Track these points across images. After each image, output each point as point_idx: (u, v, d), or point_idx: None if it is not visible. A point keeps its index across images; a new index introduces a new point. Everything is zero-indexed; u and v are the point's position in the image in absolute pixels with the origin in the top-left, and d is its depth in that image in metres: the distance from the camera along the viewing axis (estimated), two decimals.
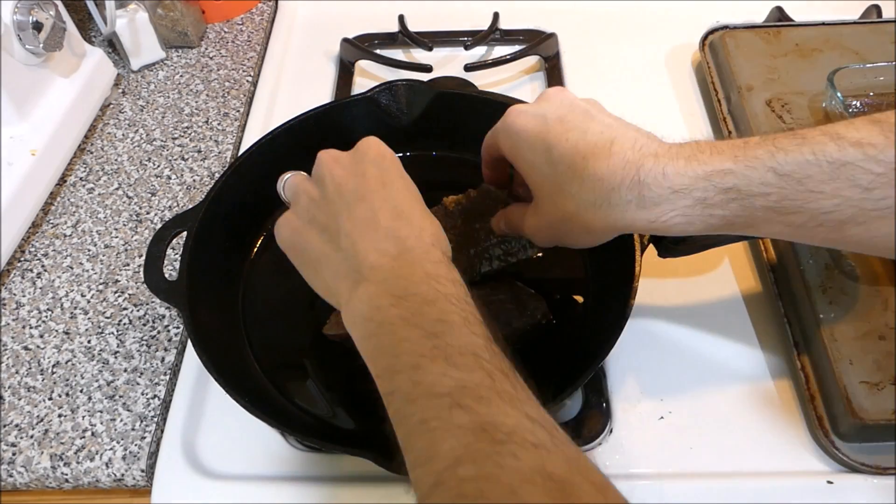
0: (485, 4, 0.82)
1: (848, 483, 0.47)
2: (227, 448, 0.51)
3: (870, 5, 0.76)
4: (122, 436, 0.51)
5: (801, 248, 0.54)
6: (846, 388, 0.47)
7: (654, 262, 0.50)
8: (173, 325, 0.57)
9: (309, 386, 0.51)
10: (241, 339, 0.54)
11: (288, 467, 0.50)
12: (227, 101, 0.76)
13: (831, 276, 0.52)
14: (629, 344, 0.52)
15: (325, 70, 0.80)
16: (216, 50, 0.82)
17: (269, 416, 0.43)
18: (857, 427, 0.46)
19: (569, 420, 0.50)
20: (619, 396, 0.52)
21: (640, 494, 0.47)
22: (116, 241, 0.63)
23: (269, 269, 0.59)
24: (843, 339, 0.49)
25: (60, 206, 0.67)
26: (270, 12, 0.87)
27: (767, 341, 0.54)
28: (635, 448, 0.49)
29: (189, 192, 0.67)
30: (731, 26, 0.73)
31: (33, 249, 0.63)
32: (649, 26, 0.82)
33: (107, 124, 0.74)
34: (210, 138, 0.72)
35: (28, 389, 0.54)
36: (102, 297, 0.59)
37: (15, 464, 0.50)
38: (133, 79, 0.79)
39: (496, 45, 0.81)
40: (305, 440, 0.50)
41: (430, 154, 0.65)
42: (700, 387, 0.52)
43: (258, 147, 0.58)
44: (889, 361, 0.48)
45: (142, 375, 0.54)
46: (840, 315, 0.50)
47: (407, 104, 0.62)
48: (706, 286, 0.58)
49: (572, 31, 0.81)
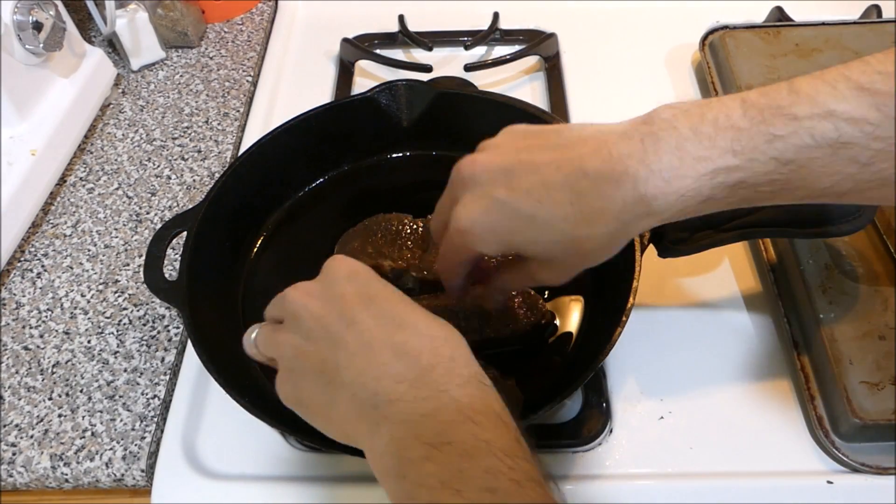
0: (485, 4, 0.82)
1: (848, 483, 0.47)
2: (227, 448, 0.51)
3: (870, 5, 0.75)
4: (122, 436, 0.51)
5: (801, 248, 0.54)
6: (846, 388, 0.47)
7: (654, 262, 0.50)
8: (173, 325, 0.57)
9: None
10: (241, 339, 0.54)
11: (288, 467, 0.50)
12: (227, 101, 0.76)
13: (831, 276, 0.52)
14: (629, 344, 0.52)
15: (325, 70, 0.80)
16: (216, 50, 0.82)
17: (269, 416, 0.43)
18: (857, 427, 0.46)
19: (569, 420, 0.50)
20: (619, 396, 0.52)
21: (640, 494, 0.47)
22: (116, 241, 0.63)
23: (269, 269, 0.59)
24: (843, 339, 0.49)
25: (60, 206, 0.67)
26: (270, 12, 0.87)
27: (767, 341, 0.54)
28: (635, 448, 0.49)
29: (189, 192, 0.67)
30: (731, 26, 0.73)
31: (33, 249, 0.63)
32: (649, 26, 0.82)
33: (107, 124, 0.74)
34: (210, 138, 0.72)
35: (28, 389, 0.54)
36: (102, 297, 0.59)
37: (15, 464, 0.50)
38: (133, 79, 0.79)
39: (496, 45, 0.81)
40: (305, 440, 0.50)
41: (430, 154, 0.65)
42: (700, 387, 0.52)
43: (258, 147, 0.58)
44: (889, 361, 0.48)
45: (142, 375, 0.54)
46: (840, 315, 0.50)
47: (407, 104, 0.62)
48: (706, 286, 0.58)
49: (572, 31, 0.81)
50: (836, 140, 0.31)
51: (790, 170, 0.33)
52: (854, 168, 0.32)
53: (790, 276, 0.55)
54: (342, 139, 0.63)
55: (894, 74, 0.30)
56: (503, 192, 0.36)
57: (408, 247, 0.55)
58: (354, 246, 0.55)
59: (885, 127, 0.30)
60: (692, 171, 0.33)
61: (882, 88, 0.30)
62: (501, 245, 0.38)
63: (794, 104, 0.32)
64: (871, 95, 0.31)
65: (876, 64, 0.31)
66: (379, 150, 0.64)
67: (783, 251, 0.56)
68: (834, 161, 0.32)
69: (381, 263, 0.54)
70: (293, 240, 0.61)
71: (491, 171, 0.37)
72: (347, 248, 0.55)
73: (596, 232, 0.36)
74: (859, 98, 0.31)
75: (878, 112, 0.31)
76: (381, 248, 0.55)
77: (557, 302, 0.54)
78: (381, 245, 0.55)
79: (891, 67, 0.30)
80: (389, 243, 0.55)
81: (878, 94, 0.31)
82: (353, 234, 0.56)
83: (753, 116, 0.33)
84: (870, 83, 0.31)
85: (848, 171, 0.32)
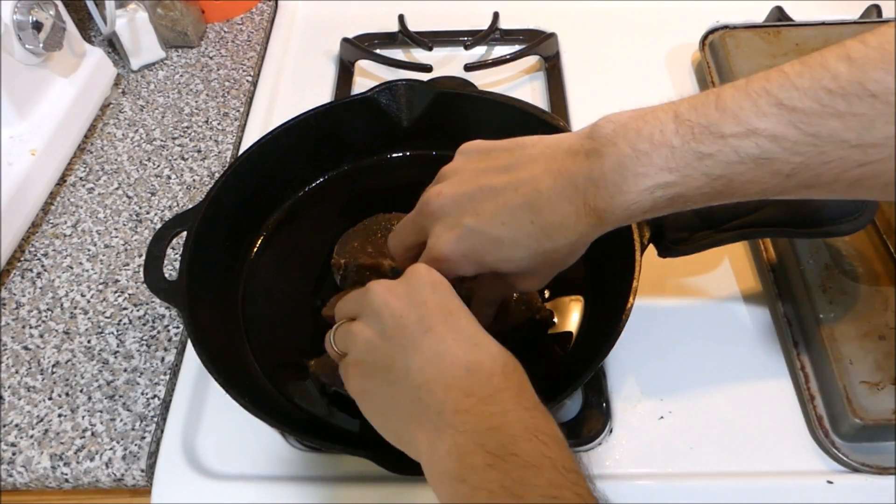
0: (485, 4, 0.82)
1: (848, 483, 0.47)
2: (227, 448, 0.51)
3: (870, 5, 0.75)
4: (122, 436, 0.51)
5: (801, 248, 0.54)
6: (846, 388, 0.47)
7: (654, 262, 0.50)
8: (173, 325, 0.57)
9: (309, 386, 0.51)
10: (241, 339, 0.54)
11: (288, 467, 0.50)
12: (227, 101, 0.76)
13: (831, 276, 0.52)
14: (629, 344, 0.52)
15: (325, 70, 0.80)
16: (216, 50, 0.82)
17: (269, 416, 0.43)
18: (857, 427, 0.46)
19: (569, 420, 0.50)
20: (619, 396, 0.52)
21: (640, 494, 0.47)
22: (116, 241, 0.63)
23: (269, 269, 0.59)
24: (843, 339, 0.49)
25: (60, 206, 0.67)
26: (270, 12, 0.87)
27: (767, 341, 0.54)
28: (635, 448, 0.49)
29: (189, 191, 0.67)
30: (731, 26, 0.73)
31: (33, 249, 0.63)
32: (649, 26, 0.82)
33: (107, 124, 0.74)
34: (210, 138, 0.72)
35: (28, 389, 0.54)
36: (102, 296, 0.59)
37: (15, 464, 0.50)
38: (133, 79, 0.79)
39: (496, 45, 0.81)
40: (305, 440, 0.50)
41: (431, 154, 0.65)
42: (700, 387, 0.52)
43: (258, 147, 0.58)
44: (889, 361, 0.48)
45: (142, 375, 0.54)
46: (840, 315, 0.50)
47: (407, 104, 0.62)
48: (706, 286, 0.58)
49: (572, 31, 0.81)
50: (759, 156, 0.33)
51: (721, 183, 0.34)
52: (778, 179, 0.34)
53: (790, 276, 0.55)
54: (342, 139, 0.63)
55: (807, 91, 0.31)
56: (471, 219, 0.39)
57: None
58: (354, 246, 0.55)
59: (804, 143, 0.32)
60: (633, 188, 0.35)
61: (799, 106, 0.31)
62: (477, 266, 0.40)
63: (720, 122, 0.33)
64: (790, 113, 0.32)
65: (794, 77, 0.32)
66: (379, 150, 0.64)
67: (783, 251, 0.56)
68: (758, 174, 0.33)
69: (381, 263, 0.54)
70: (293, 240, 0.61)
71: (457, 202, 0.39)
72: (347, 247, 0.55)
73: (558, 244, 0.38)
74: (779, 115, 0.32)
75: (797, 129, 0.32)
76: (381, 248, 0.55)
77: (557, 302, 0.54)
78: (382, 245, 0.55)
79: (806, 83, 0.31)
80: None
81: (796, 111, 0.32)
82: (353, 234, 0.56)
83: (684, 134, 0.34)
84: (788, 100, 0.32)
85: (773, 181, 0.34)
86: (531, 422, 0.32)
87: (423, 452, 0.33)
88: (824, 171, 0.32)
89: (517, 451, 0.30)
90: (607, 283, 0.52)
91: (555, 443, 0.31)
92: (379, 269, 0.53)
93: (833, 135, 0.31)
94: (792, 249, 0.55)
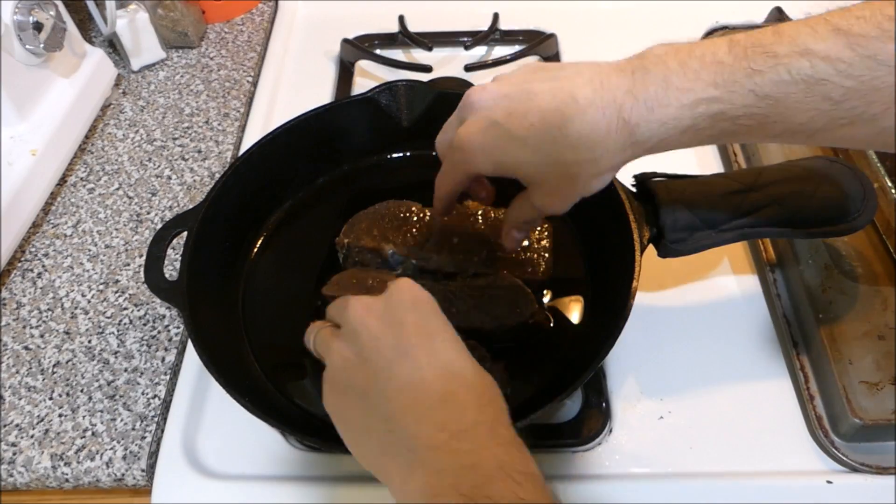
0: (485, 4, 0.82)
1: (848, 483, 0.47)
2: (227, 448, 0.51)
3: None
4: (122, 436, 0.51)
5: (801, 248, 0.54)
6: (846, 388, 0.47)
7: (654, 262, 0.50)
8: (173, 325, 0.57)
9: (309, 386, 0.51)
10: (241, 339, 0.54)
11: (288, 467, 0.50)
12: (228, 102, 0.76)
13: (831, 276, 0.52)
14: (629, 344, 0.52)
15: (325, 70, 0.80)
16: (216, 50, 0.82)
17: (269, 416, 0.43)
18: (857, 427, 0.46)
19: (569, 420, 0.50)
20: (619, 396, 0.52)
21: (640, 494, 0.47)
22: (117, 241, 0.63)
23: (269, 269, 0.59)
24: (842, 339, 0.49)
25: (61, 206, 0.67)
26: (270, 12, 0.87)
27: (767, 341, 0.54)
28: (635, 448, 0.49)
29: (189, 192, 0.67)
30: (731, 26, 0.73)
31: (34, 249, 0.63)
32: (649, 26, 0.82)
33: (107, 124, 0.74)
34: (210, 138, 0.72)
35: (28, 389, 0.54)
36: (103, 297, 0.59)
37: (15, 464, 0.50)
38: (133, 79, 0.79)
39: (496, 46, 0.81)
40: (305, 440, 0.50)
41: (431, 154, 0.64)
42: (700, 387, 0.52)
43: (258, 147, 0.58)
44: (889, 361, 0.48)
45: (142, 375, 0.54)
46: (840, 315, 0.50)
47: (407, 104, 0.62)
48: (706, 286, 0.58)
49: (572, 31, 0.81)
50: (812, 76, 0.34)
51: (767, 104, 0.35)
52: (827, 105, 0.34)
53: (790, 276, 0.55)
54: (342, 139, 0.63)
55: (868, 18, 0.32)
56: (501, 115, 0.39)
57: (412, 234, 0.56)
58: (361, 227, 0.56)
59: (857, 66, 0.33)
60: (675, 101, 0.36)
61: (856, 30, 0.33)
62: (494, 165, 0.41)
63: (775, 43, 0.34)
64: (846, 36, 0.33)
65: (856, 10, 0.34)
66: (379, 150, 0.65)
67: (783, 251, 0.56)
68: (808, 97, 0.34)
69: (382, 247, 0.54)
70: (293, 240, 0.61)
71: (494, 98, 0.40)
72: (355, 228, 0.56)
73: (580, 157, 0.38)
74: (835, 38, 0.33)
75: (852, 51, 0.33)
76: (385, 233, 0.55)
77: (557, 302, 0.54)
78: (387, 230, 0.56)
79: (867, 12, 0.33)
80: (395, 229, 0.56)
81: (853, 35, 0.33)
82: (363, 216, 0.57)
83: (737, 53, 0.35)
84: (846, 25, 0.33)
85: (821, 107, 0.34)
86: (505, 459, 0.31)
87: (396, 487, 0.33)
88: (875, 99, 0.33)
89: (490, 493, 0.29)
90: (607, 283, 0.52)
91: (529, 481, 0.30)
92: (380, 252, 0.54)
93: (889, 58, 0.32)
94: (792, 249, 0.55)
